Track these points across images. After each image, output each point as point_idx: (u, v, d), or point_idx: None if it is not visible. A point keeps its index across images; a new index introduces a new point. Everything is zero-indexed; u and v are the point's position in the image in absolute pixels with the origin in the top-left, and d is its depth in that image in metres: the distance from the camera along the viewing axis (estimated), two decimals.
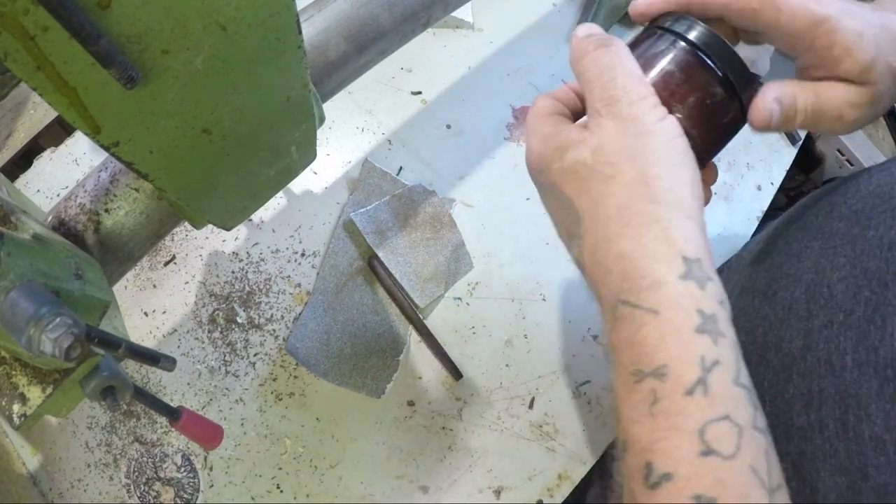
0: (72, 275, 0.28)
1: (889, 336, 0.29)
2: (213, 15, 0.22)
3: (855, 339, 0.31)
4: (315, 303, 0.54)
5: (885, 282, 0.31)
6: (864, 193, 0.36)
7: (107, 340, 0.26)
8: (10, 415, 0.28)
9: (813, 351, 0.33)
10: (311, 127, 0.35)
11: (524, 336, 0.56)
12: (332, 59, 0.41)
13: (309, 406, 0.52)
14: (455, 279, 0.57)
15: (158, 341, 0.53)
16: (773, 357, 0.35)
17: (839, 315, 0.32)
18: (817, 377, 0.32)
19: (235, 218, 0.38)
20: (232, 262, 0.55)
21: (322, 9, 0.41)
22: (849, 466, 0.28)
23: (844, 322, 0.32)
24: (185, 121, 0.26)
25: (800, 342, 0.34)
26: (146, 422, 0.51)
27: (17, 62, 0.19)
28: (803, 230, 0.39)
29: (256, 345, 0.53)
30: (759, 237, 0.47)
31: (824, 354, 0.32)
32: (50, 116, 0.63)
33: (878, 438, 0.27)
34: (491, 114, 0.65)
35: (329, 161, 0.60)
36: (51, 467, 0.50)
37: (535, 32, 0.71)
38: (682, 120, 0.30)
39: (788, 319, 0.35)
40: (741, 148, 0.69)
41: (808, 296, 0.35)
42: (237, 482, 0.50)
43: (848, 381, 0.30)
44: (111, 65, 0.20)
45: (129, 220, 0.35)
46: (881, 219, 0.34)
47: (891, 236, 0.32)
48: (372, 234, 0.56)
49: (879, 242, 0.33)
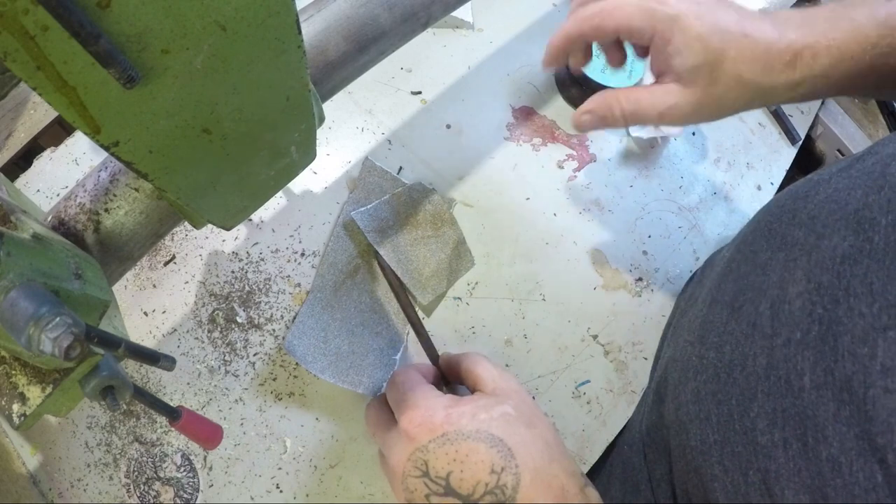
0: (71, 274, 0.28)
1: (842, 357, 0.28)
2: (212, 15, 0.22)
3: (812, 360, 0.30)
4: (313, 301, 0.54)
5: (837, 298, 0.30)
6: (821, 198, 0.35)
7: (106, 340, 0.26)
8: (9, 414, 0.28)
9: (775, 370, 0.32)
10: (311, 127, 0.35)
11: (524, 336, 0.57)
12: (332, 59, 0.41)
13: (309, 406, 0.52)
14: (457, 276, 0.57)
15: (158, 341, 0.53)
16: (739, 375, 0.34)
17: (797, 333, 0.31)
18: (780, 396, 0.31)
19: (235, 218, 0.38)
20: (232, 262, 0.55)
21: (322, 9, 0.41)
22: (811, 486, 0.28)
23: (802, 341, 0.31)
24: (185, 121, 0.26)
25: (764, 360, 0.33)
26: (146, 421, 0.51)
27: (16, 62, 0.19)
28: (768, 238, 0.38)
29: (256, 344, 0.53)
30: (734, 240, 0.46)
31: (784, 374, 0.31)
32: (50, 116, 0.63)
33: (835, 460, 0.27)
34: (491, 114, 0.65)
35: (329, 161, 0.60)
36: (50, 467, 0.50)
37: (535, 32, 0.71)
38: None
39: (753, 336, 0.34)
40: (741, 148, 0.69)
41: (772, 312, 0.34)
42: (237, 482, 0.50)
43: (806, 402, 0.29)
44: (111, 64, 0.20)
45: (128, 219, 0.35)
46: (835, 227, 0.32)
47: (844, 248, 0.31)
48: (373, 233, 0.56)
49: (832, 254, 0.31)
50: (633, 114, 0.40)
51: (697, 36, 0.35)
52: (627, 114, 0.40)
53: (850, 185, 0.33)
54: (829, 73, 0.35)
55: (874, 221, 0.29)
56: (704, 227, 0.64)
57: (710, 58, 0.35)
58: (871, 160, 0.33)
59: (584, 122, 0.43)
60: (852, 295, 0.28)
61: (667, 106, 0.38)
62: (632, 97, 0.40)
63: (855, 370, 0.27)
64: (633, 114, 0.40)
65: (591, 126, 0.43)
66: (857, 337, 0.27)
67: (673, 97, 0.38)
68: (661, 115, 0.39)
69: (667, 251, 0.62)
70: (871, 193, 0.31)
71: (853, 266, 0.29)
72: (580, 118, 0.43)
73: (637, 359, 0.57)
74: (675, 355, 0.44)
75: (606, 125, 0.42)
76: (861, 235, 0.30)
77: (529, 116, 0.66)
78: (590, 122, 0.42)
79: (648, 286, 0.60)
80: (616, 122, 0.41)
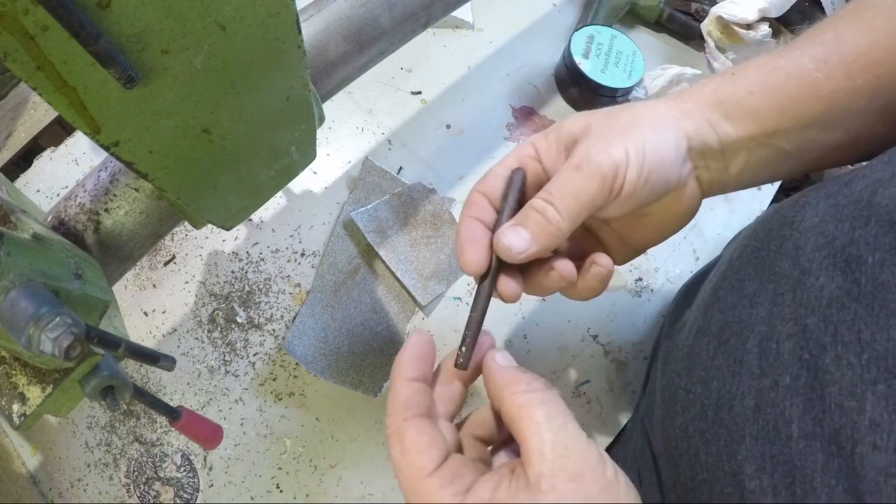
0: (71, 274, 0.28)
1: (829, 409, 0.27)
2: (212, 15, 0.22)
3: (801, 407, 0.28)
4: (313, 301, 0.54)
5: (824, 344, 0.28)
6: (807, 225, 0.33)
7: (106, 340, 0.26)
8: (9, 414, 0.28)
9: (763, 413, 0.30)
10: (311, 127, 0.35)
11: (524, 336, 0.57)
12: (332, 59, 0.41)
13: (309, 406, 0.52)
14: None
15: (158, 341, 0.53)
16: (727, 415, 0.33)
17: (786, 378, 0.29)
18: (768, 442, 0.29)
19: (235, 218, 0.38)
20: (232, 262, 0.55)
21: (322, 9, 0.41)
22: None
23: (791, 387, 0.29)
24: (185, 120, 0.26)
25: (752, 401, 0.31)
26: (146, 421, 0.51)
27: (16, 62, 0.19)
28: (757, 266, 0.36)
29: (256, 344, 0.53)
30: (721, 262, 0.42)
31: (772, 419, 0.29)
32: (50, 116, 0.63)
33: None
34: (491, 114, 0.65)
35: (329, 161, 0.60)
36: (50, 467, 0.50)
37: (535, 32, 0.71)
38: None
39: (740, 374, 0.33)
40: None
41: (760, 350, 0.32)
42: (237, 482, 0.50)
43: (794, 451, 0.28)
44: (111, 65, 0.20)
45: (128, 219, 0.35)
46: (822, 264, 0.30)
47: (831, 289, 0.29)
48: (373, 233, 0.56)
49: (819, 294, 0.29)
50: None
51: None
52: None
53: (837, 215, 0.31)
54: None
55: (861, 260, 0.28)
56: (704, 227, 0.64)
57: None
58: (859, 185, 0.32)
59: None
60: (840, 342, 0.27)
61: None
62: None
63: (843, 423, 0.26)
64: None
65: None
66: (845, 389, 0.26)
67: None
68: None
69: (666, 251, 0.62)
70: (858, 227, 0.29)
71: (840, 311, 0.28)
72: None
73: (637, 359, 0.57)
74: (664, 384, 0.41)
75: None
76: (848, 276, 0.28)
77: (529, 116, 0.66)
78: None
79: (648, 286, 0.60)
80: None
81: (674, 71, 0.67)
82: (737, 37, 0.69)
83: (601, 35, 0.66)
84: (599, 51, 0.65)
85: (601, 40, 0.65)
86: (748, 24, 0.68)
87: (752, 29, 0.68)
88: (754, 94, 0.34)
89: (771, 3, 0.66)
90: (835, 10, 0.79)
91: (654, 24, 0.75)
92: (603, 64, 0.64)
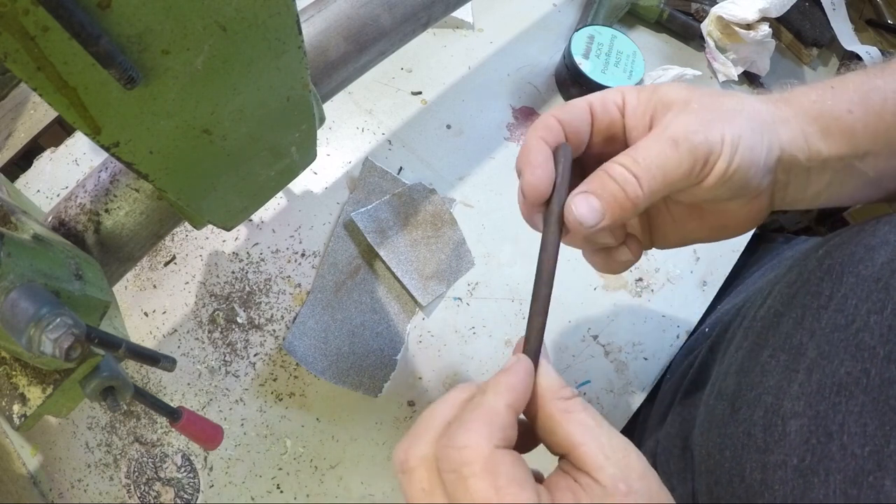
0: (72, 275, 0.28)
1: (833, 494, 0.26)
2: (213, 15, 0.22)
3: (802, 488, 0.28)
4: (314, 301, 0.54)
5: (831, 433, 0.27)
6: (832, 310, 0.31)
7: (107, 341, 0.26)
8: (10, 415, 0.28)
9: (770, 489, 0.30)
10: (311, 127, 0.35)
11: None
12: (332, 59, 0.41)
13: (309, 406, 0.52)
14: (457, 277, 0.57)
15: (158, 341, 0.53)
16: (738, 486, 0.32)
17: (793, 458, 0.29)
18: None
19: (236, 218, 0.38)
20: (232, 263, 0.55)
21: (322, 9, 0.41)
22: None
23: (797, 468, 0.28)
24: (186, 121, 0.26)
25: (759, 475, 0.31)
26: (146, 422, 0.51)
27: (17, 62, 0.19)
28: (775, 332, 0.34)
29: (256, 345, 0.53)
30: (745, 309, 0.40)
31: (780, 496, 0.29)
32: (50, 116, 0.63)
33: None
34: (491, 114, 0.65)
35: (329, 161, 0.60)
36: (51, 467, 0.50)
37: (535, 32, 0.71)
38: None
39: (748, 446, 0.32)
40: None
41: (764, 423, 0.31)
42: (237, 482, 0.50)
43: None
44: (111, 65, 0.20)
45: (129, 220, 0.35)
46: (838, 349, 0.29)
47: (841, 375, 0.28)
48: (373, 234, 0.56)
49: (832, 381, 0.29)
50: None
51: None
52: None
53: (860, 295, 0.30)
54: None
55: (873, 351, 0.28)
56: None
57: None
58: (883, 255, 0.30)
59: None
60: (846, 433, 0.27)
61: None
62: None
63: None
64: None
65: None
66: (849, 478, 0.26)
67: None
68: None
69: (667, 251, 0.62)
70: (874, 313, 0.29)
71: (849, 400, 0.28)
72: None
73: (637, 359, 0.57)
74: (696, 439, 0.40)
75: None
76: (859, 365, 0.28)
77: (529, 116, 0.66)
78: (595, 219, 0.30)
79: (648, 286, 0.60)
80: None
81: (674, 71, 0.67)
82: (737, 37, 0.69)
83: (601, 35, 0.65)
84: (600, 51, 0.65)
85: (601, 40, 0.65)
86: (748, 24, 0.67)
87: (752, 29, 0.68)
88: (853, 112, 0.31)
89: (771, 3, 0.66)
90: (834, 10, 0.79)
91: (655, 25, 0.75)
92: (603, 64, 0.64)
